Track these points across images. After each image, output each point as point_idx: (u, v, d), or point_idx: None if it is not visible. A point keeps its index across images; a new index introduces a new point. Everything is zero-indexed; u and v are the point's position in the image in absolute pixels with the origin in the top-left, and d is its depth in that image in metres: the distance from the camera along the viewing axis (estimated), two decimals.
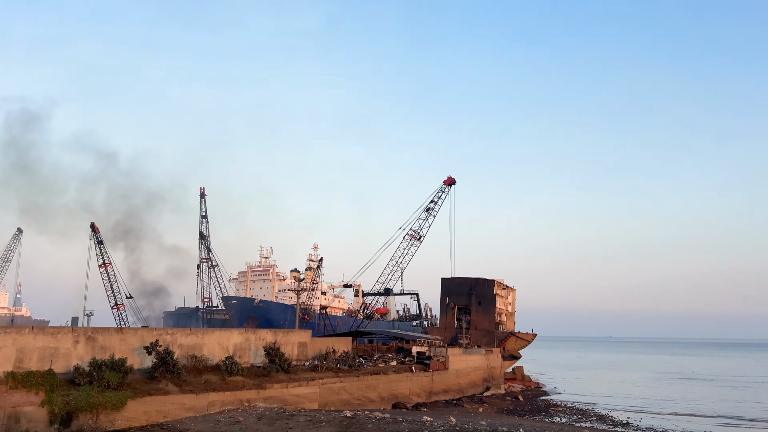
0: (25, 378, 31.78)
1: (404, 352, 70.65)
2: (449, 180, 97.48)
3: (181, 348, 43.14)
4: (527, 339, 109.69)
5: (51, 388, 31.99)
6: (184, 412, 36.48)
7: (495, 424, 38.19)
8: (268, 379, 43.97)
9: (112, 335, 40.81)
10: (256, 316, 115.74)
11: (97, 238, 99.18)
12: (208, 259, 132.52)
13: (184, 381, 38.77)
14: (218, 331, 50.73)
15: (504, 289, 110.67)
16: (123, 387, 35.01)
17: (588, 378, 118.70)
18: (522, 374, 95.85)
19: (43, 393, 31.70)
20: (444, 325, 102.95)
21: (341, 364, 52.82)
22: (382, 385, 53.17)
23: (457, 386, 66.10)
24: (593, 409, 64.31)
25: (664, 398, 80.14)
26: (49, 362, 35.65)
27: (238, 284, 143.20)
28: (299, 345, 53.47)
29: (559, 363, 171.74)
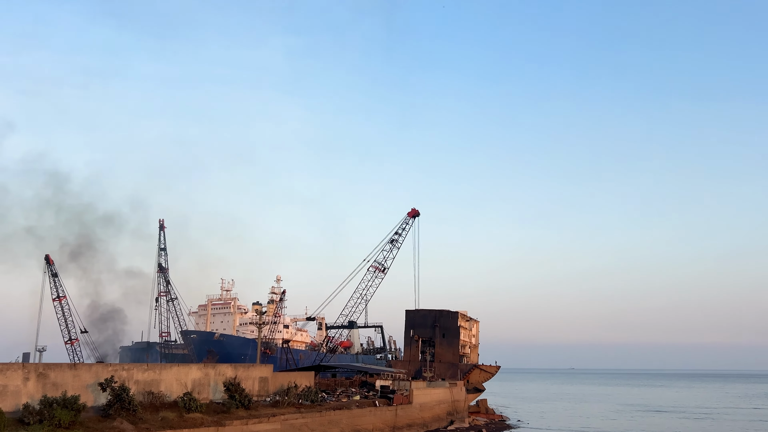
0: None
1: (368, 386, 69.88)
2: (413, 212, 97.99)
3: (138, 384, 41.82)
4: (491, 371, 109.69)
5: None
6: None
7: None
8: (228, 415, 42.87)
9: (65, 371, 39.34)
10: (217, 351, 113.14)
11: (51, 271, 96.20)
12: (167, 292, 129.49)
13: (141, 419, 37.51)
14: (177, 366, 49.40)
15: (468, 320, 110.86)
16: (75, 426, 33.64)
17: (551, 410, 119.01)
18: (486, 407, 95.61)
19: None
20: (408, 357, 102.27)
21: (303, 399, 51.92)
22: (345, 420, 52.33)
23: (421, 420, 65.49)
24: None
25: (626, 430, 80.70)
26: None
27: (198, 318, 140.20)
28: (260, 380, 52.41)
29: (522, 395, 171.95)
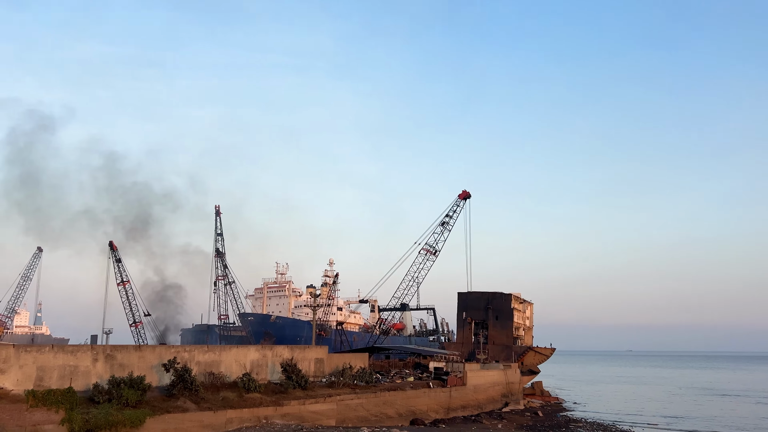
0: (46, 396, 32.05)
1: (421, 367, 70.23)
2: (464, 194, 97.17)
3: (199, 365, 43.28)
4: (546, 354, 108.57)
5: (71, 406, 32.22)
6: (202, 429, 36.54)
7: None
8: (285, 395, 43.94)
9: (131, 353, 41.08)
10: (273, 333, 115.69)
11: (115, 257, 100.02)
12: (224, 276, 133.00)
13: (202, 398, 38.86)
14: (235, 347, 50.84)
15: (521, 303, 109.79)
16: (141, 404, 35.17)
17: (609, 393, 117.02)
18: (541, 389, 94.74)
19: (63, 411, 31.93)
20: (461, 340, 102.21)
21: (358, 380, 52.64)
22: (399, 401, 52.85)
23: (476, 402, 65.48)
24: (615, 425, 63.33)
25: (686, 414, 78.74)
26: (68, 380, 35.94)
27: (255, 300, 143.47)
28: (316, 361, 53.40)
29: (579, 378, 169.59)
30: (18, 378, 34.79)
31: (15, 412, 30.90)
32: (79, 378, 36.88)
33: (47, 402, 31.89)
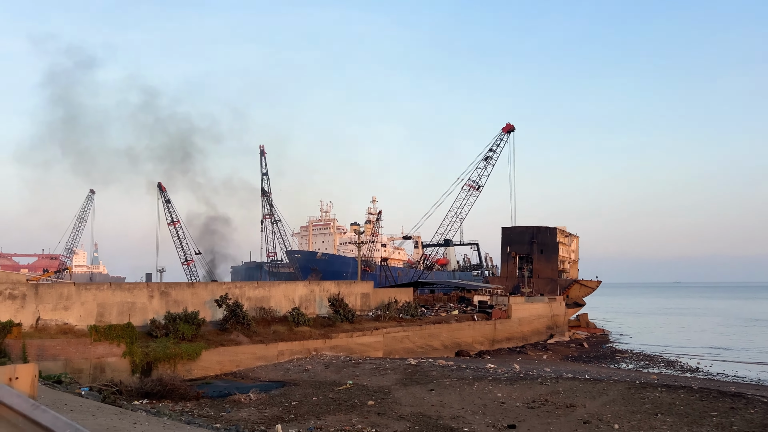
0: (107, 331, 33.73)
1: (465, 301, 70.97)
2: (508, 127, 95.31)
3: (250, 300, 44.69)
4: (591, 286, 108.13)
5: (131, 340, 33.87)
6: (255, 361, 38.06)
7: (560, 371, 38.19)
8: (334, 329, 45.18)
9: (184, 289, 42.64)
10: (319, 269, 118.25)
11: (164, 197, 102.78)
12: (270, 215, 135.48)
13: (254, 332, 40.31)
14: (284, 283, 52.21)
15: (567, 236, 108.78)
16: (197, 338, 36.72)
17: (655, 324, 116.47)
18: (586, 321, 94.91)
19: (123, 345, 33.62)
20: (505, 274, 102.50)
21: (404, 313, 53.62)
22: (444, 333, 53.80)
23: (520, 334, 66.17)
24: (661, 355, 63.27)
25: (736, 344, 77.94)
26: (127, 316, 37.70)
27: (301, 238, 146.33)
28: (362, 296, 54.48)
29: (625, 310, 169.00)
30: (80, 314, 36.69)
31: (80, 346, 32.71)
32: (136, 314, 38.64)
33: (109, 336, 33.58)
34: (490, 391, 28.71)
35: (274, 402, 26.60)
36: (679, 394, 27.14)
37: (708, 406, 24.85)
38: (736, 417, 22.89)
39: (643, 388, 28.67)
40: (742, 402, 25.61)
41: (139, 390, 27.34)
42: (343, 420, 22.86)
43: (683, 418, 22.84)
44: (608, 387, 29.01)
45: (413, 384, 30.77)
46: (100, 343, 33.18)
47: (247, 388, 29.53)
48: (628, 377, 36.19)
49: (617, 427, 21.86)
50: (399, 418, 23.63)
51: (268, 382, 32.57)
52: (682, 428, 21.51)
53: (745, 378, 48.07)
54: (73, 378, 30.04)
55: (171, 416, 21.56)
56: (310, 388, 29.83)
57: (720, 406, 24.68)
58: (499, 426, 22.50)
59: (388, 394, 28.11)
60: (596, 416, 23.53)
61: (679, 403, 25.46)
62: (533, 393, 27.95)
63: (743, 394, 28.58)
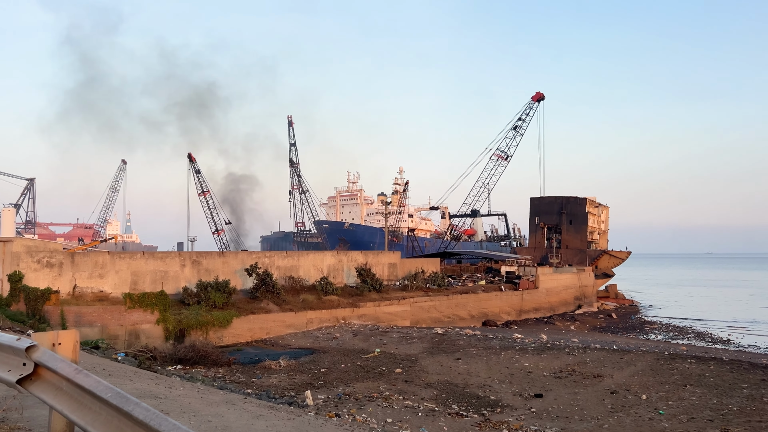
0: (141, 299, 34.60)
1: (493, 272, 70.90)
2: (537, 95, 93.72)
3: (279, 270, 45.31)
4: (621, 257, 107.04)
5: (164, 308, 34.71)
6: (285, 328, 38.75)
7: (587, 341, 38.14)
8: (361, 298, 45.65)
9: (215, 259, 43.39)
10: (347, 239, 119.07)
11: (194, 168, 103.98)
12: (299, 185, 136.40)
13: (283, 300, 40.96)
14: (312, 253, 52.74)
15: (596, 207, 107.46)
16: (228, 306, 37.47)
17: (686, 295, 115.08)
18: (615, 292, 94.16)
19: (157, 312, 34.49)
20: (533, 245, 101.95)
21: (431, 283, 53.86)
22: (471, 303, 53.97)
23: (548, 304, 66.03)
24: (691, 327, 62.64)
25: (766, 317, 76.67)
26: (160, 284, 38.57)
27: (328, 209, 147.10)
28: (389, 266, 54.80)
29: (655, 281, 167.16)
30: (115, 282, 37.66)
31: (116, 313, 33.66)
32: (169, 282, 39.50)
33: (143, 304, 34.46)
34: (517, 360, 28.86)
35: (304, 369, 27.15)
36: (708, 366, 26.95)
37: (738, 377, 24.64)
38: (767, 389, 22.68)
39: (672, 359, 28.53)
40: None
41: (172, 356, 28.12)
42: (371, 387, 23.26)
43: (713, 390, 22.72)
44: (636, 358, 28.93)
45: (440, 353, 31.07)
46: (134, 310, 34.09)
47: (277, 355, 30.15)
48: (657, 348, 35.99)
49: (645, 398, 21.86)
50: (426, 385, 23.96)
51: (297, 350, 33.20)
52: (711, 399, 21.42)
53: None
54: (110, 344, 31.01)
55: (204, 381, 22.18)
56: (338, 356, 30.33)
57: (751, 378, 24.46)
58: (525, 395, 22.67)
59: (415, 363, 28.46)
60: (624, 386, 23.54)
61: (709, 374, 25.30)
62: (560, 363, 28.02)
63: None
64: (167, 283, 39.19)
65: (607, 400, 21.71)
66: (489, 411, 20.48)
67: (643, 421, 19.07)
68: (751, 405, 20.54)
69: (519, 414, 20.15)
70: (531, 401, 21.84)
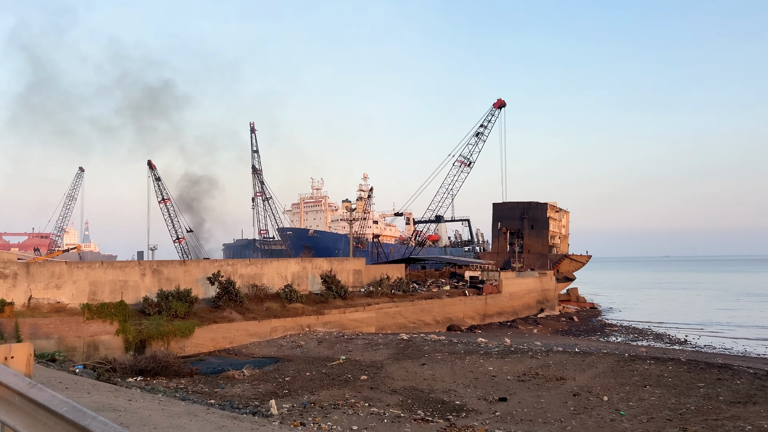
0: (100, 309, 33.78)
1: (457, 277, 71.43)
2: (499, 102, 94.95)
3: (242, 278, 44.78)
4: (581, 261, 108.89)
5: (124, 318, 33.96)
6: (249, 337, 38.28)
7: (550, 345, 38.67)
8: (326, 305, 45.44)
9: (177, 267, 42.63)
10: (311, 246, 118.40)
11: (154, 175, 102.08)
12: (262, 192, 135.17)
13: (247, 309, 40.48)
14: (276, 261, 52.30)
15: (557, 212, 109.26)
16: (190, 316, 36.85)
17: (644, 298, 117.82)
18: (576, 295, 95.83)
19: (117, 323, 33.71)
20: (496, 249, 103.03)
21: (396, 289, 53.94)
22: (436, 308, 54.22)
23: (511, 309, 66.78)
24: (650, 329, 64.11)
25: (723, 317, 79.06)
26: (119, 294, 37.71)
27: (292, 215, 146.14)
28: (354, 272, 54.70)
29: (614, 284, 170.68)
30: (73, 293, 36.67)
31: (73, 324, 32.77)
32: (129, 292, 38.65)
33: (102, 314, 33.64)
34: (482, 364, 29.07)
35: (268, 378, 26.84)
36: (667, 366, 27.59)
37: (695, 377, 25.29)
38: (723, 387, 23.33)
39: (632, 361, 29.12)
40: (728, 373, 26.07)
41: (133, 367, 27.48)
42: (337, 394, 23.13)
43: (671, 390, 23.26)
44: (598, 360, 29.44)
45: (405, 359, 31.10)
46: (93, 321, 33.24)
47: (241, 365, 29.74)
48: (618, 350, 36.70)
49: (606, 399, 22.24)
50: (391, 391, 23.94)
51: (261, 358, 32.82)
52: (669, 399, 21.92)
53: (732, 350, 48.86)
54: (67, 356, 30.15)
55: (165, 393, 21.74)
56: (303, 364, 30.09)
57: (707, 378, 25.12)
58: (490, 399, 22.84)
59: (380, 369, 28.41)
60: (586, 388, 23.92)
61: (668, 374, 25.90)
62: (524, 366, 28.34)
63: (730, 365, 29.07)
64: (127, 293, 38.34)
65: (569, 403, 22.02)
66: (454, 416, 20.56)
67: (604, 423, 19.39)
68: (707, 404, 21.09)
69: (484, 418, 20.28)
70: (495, 405, 22.01)
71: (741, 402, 21.13)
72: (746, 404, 20.83)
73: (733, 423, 18.49)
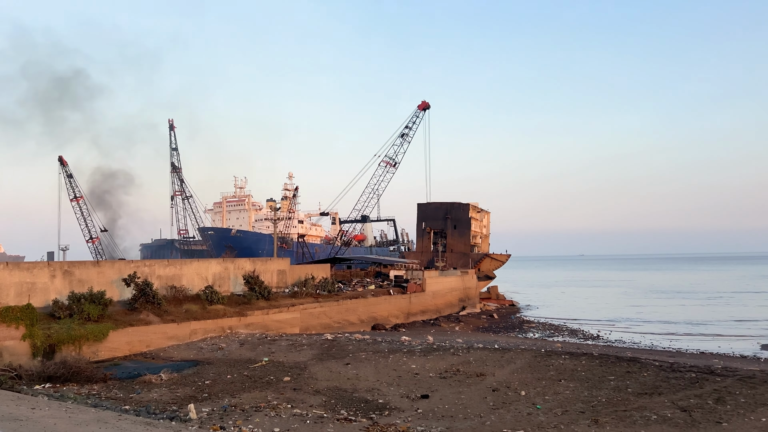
0: (4, 313, 31.71)
1: (382, 276, 71.85)
2: (423, 104, 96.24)
3: (160, 279, 43.27)
4: (501, 260, 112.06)
5: (31, 322, 32.02)
6: (167, 341, 37.02)
7: (471, 342, 39.54)
8: (249, 306, 44.59)
9: (89, 268, 40.67)
10: (234, 246, 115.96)
11: (66, 172, 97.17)
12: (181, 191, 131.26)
13: (165, 311, 39.14)
14: (196, 261, 50.84)
15: (479, 212, 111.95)
16: (104, 319, 35.23)
17: (560, 295, 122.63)
18: (497, 293, 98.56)
19: (23, 327, 31.74)
20: (420, 249, 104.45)
21: (321, 290, 53.64)
22: (361, 308, 54.32)
23: (434, 307, 67.85)
24: (565, 325, 66.76)
25: (632, 313, 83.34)
26: (27, 297, 35.55)
27: (214, 215, 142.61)
28: (278, 273, 53.99)
29: (532, 282, 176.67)
30: None
31: None
32: (37, 294, 36.53)
33: (6, 318, 31.59)
34: (405, 363, 29.35)
35: (187, 381, 26.07)
36: (580, 361, 28.78)
37: (607, 370, 26.51)
38: (631, 380, 24.58)
39: (548, 356, 30.19)
40: (636, 366, 27.50)
41: (40, 374, 26.02)
42: (259, 397, 22.75)
43: (584, 383, 24.27)
44: (516, 356, 30.34)
45: (329, 359, 30.98)
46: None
47: (159, 369, 28.74)
48: (535, 346, 37.98)
49: (524, 394, 22.95)
50: (315, 392, 23.77)
51: (180, 362, 31.82)
52: (582, 392, 22.87)
53: (640, 344, 51.57)
54: None
55: (76, 400, 20.71)
56: (224, 367, 29.42)
57: (617, 371, 26.39)
58: (413, 396, 23.09)
59: (304, 370, 28.17)
60: (504, 384, 24.59)
61: (581, 369, 27.01)
62: (446, 363, 28.83)
63: (638, 358, 30.67)
64: (35, 296, 36.21)
65: (489, 398, 22.57)
66: (377, 414, 20.65)
67: (522, 416, 20.00)
68: (617, 396, 22.15)
69: (406, 416, 20.48)
70: (418, 402, 22.27)
71: (647, 393, 22.32)
72: (652, 395, 22.02)
73: (640, 413, 19.50)
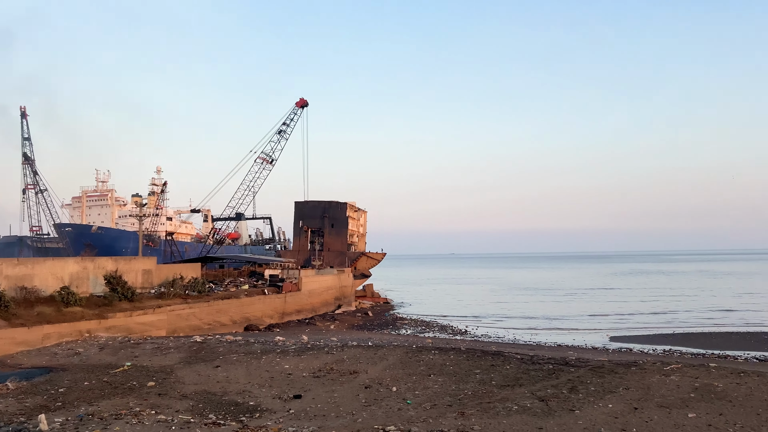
0: None
1: (257, 275, 70.49)
2: (301, 102, 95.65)
3: (8, 279, 39.56)
4: (377, 258, 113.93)
5: None
6: (15, 346, 33.87)
7: (345, 340, 39.77)
8: (110, 308, 41.93)
9: None
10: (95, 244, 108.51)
11: None
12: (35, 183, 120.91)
13: (14, 314, 35.84)
14: (51, 260, 46.98)
15: (356, 211, 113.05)
16: None
17: (432, 292, 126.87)
18: (372, 291, 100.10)
19: None
20: (297, 248, 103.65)
21: (190, 290, 51.61)
22: (233, 309, 52.89)
23: (310, 306, 67.56)
24: (436, 321, 69.12)
25: (498, 309, 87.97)
26: None
27: (72, 210, 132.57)
28: (144, 272, 51.26)
29: (406, 280, 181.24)
30: None
31: None
32: None
33: None
34: (278, 363, 28.91)
35: (37, 390, 23.98)
36: (449, 356, 29.83)
37: (473, 364, 27.68)
38: (495, 373, 25.85)
39: (419, 352, 31.01)
40: (500, 359, 28.96)
41: None
42: (119, 404, 21.40)
43: (452, 377, 25.18)
44: (388, 352, 30.88)
45: (198, 362, 29.83)
46: None
47: (5, 377, 26.20)
48: (407, 342, 38.93)
49: (395, 389, 23.40)
50: (182, 397, 22.78)
51: (30, 369, 29.23)
52: (450, 386, 23.71)
53: (504, 338, 54.54)
54: None
55: None
56: (81, 373, 27.39)
57: (483, 364, 27.64)
58: (285, 397, 22.79)
59: (170, 374, 26.91)
60: (377, 380, 24.94)
61: (449, 363, 28.01)
62: (319, 362, 28.74)
63: (501, 352, 32.35)
64: None
65: (361, 395, 22.78)
66: (248, 417, 20.15)
67: (393, 412, 20.37)
68: (482, 388, 23.19)
69: (278, 417, 20.15)
70: (290, 403, 22.01)
71: (510, 385, 23.58)
72: (514, 387, 23.29)
73: (503, 404, 20.55)
